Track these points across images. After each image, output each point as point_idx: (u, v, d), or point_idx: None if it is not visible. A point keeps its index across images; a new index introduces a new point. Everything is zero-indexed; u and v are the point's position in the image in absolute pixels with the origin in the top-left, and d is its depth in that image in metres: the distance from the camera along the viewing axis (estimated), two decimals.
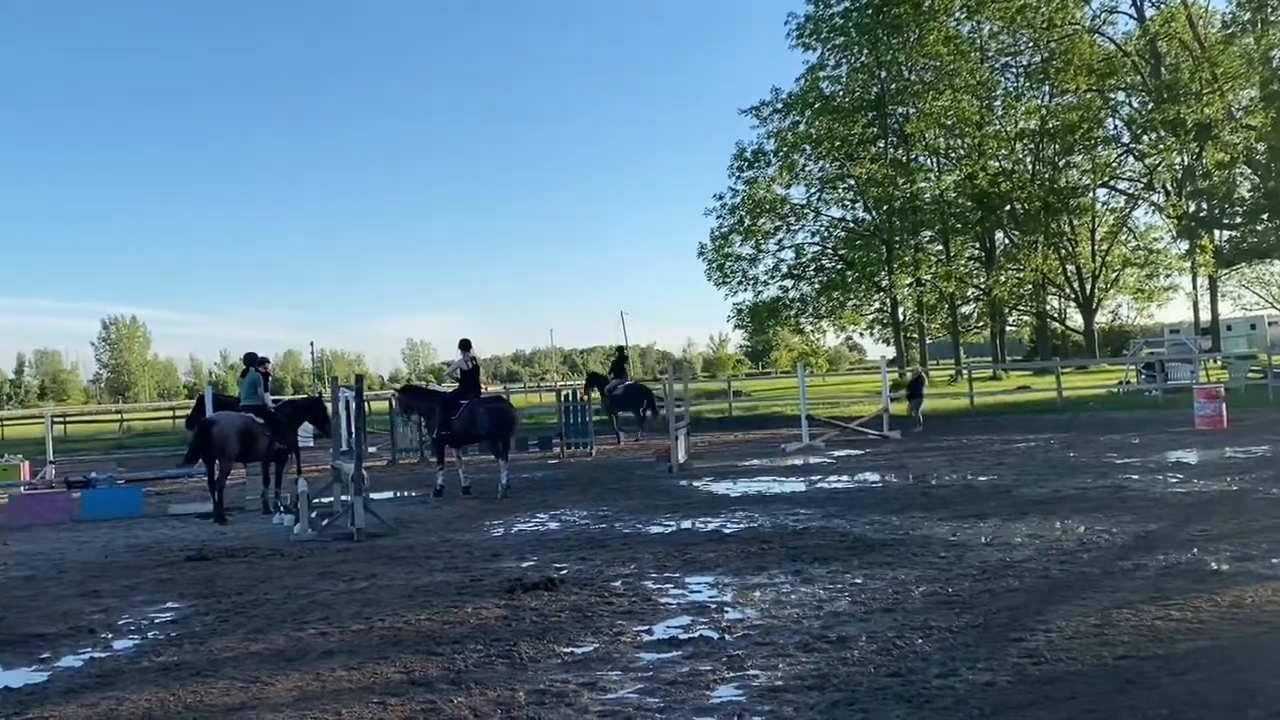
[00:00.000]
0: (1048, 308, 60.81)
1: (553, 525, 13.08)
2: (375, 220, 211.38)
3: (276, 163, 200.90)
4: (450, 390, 18.15)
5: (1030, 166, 54.00)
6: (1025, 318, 66.45)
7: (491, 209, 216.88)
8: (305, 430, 19.07)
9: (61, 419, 45.11)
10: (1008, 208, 53.32)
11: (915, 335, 57.39)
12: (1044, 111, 52.74)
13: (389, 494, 18.01)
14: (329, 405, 15.19)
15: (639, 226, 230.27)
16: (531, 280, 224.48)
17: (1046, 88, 52.81)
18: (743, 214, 52.38)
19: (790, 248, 53.69)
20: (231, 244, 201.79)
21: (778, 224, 53.40)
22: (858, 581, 8.59)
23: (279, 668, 6.76)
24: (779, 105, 52.47)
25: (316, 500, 14.11)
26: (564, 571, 9.65)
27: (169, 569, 11.14)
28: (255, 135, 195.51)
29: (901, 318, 54.61)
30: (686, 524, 12.38)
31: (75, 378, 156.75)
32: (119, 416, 57.39)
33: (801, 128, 52.25)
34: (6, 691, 6.64)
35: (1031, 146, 53.91)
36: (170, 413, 58.14)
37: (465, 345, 17.60)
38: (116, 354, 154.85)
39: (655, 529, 12.18)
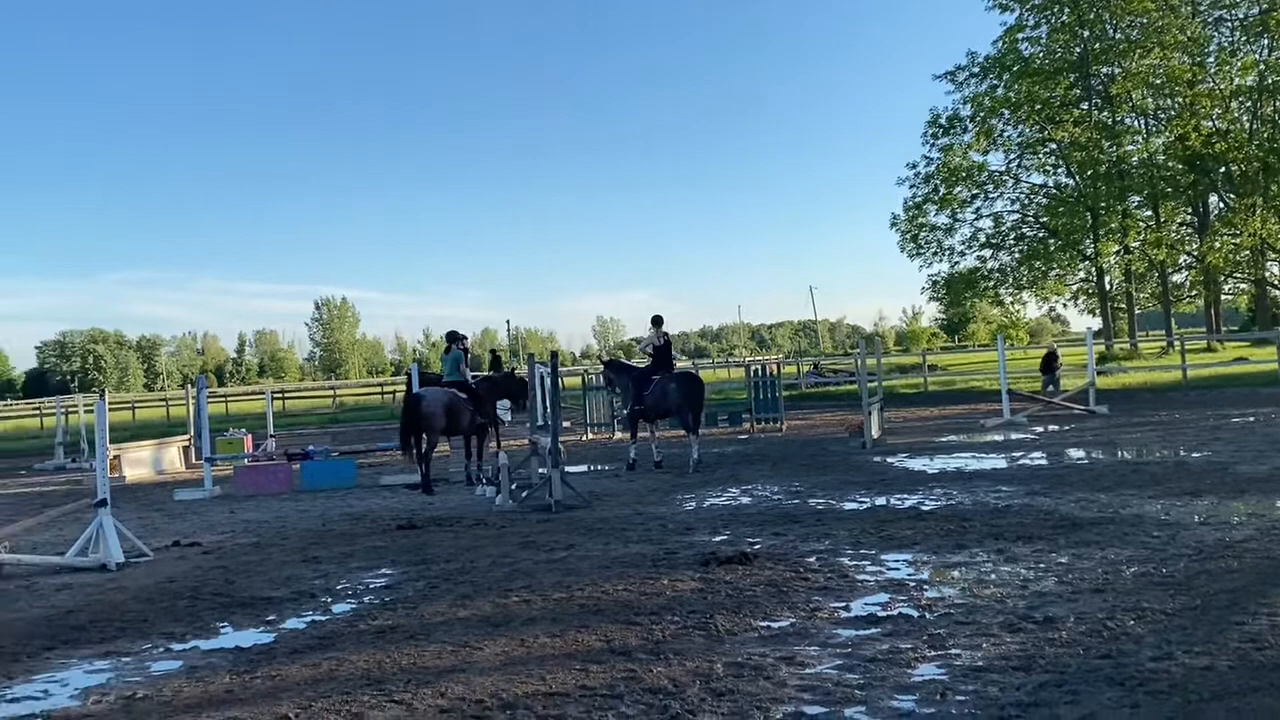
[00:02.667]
0: (1267, 274, 57.06)
1: (745, 500, 13.10)
2: (567, 202, 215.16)
3: (467, 150, 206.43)
4: (644, 366, 18.38)
5: (1247, 126, 50.63)
6: (1242, 286, 62.48)
7: (680, 187, 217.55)
8: (501, 405, 19.64)
9: (280, 395, 47.82)
10: (1223, 170, 50.20)
11: (1123, 306, 54.86)
12: (1262, 67, 49.31)
13: (583, 467, 18.38)
14: (525, 379, 15.61)
15: (828, 199, 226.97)
16: (719, 256, 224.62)
17: (1265, 41, 49.39)
18: (938, 182, 51.05)
19: (988, 216, 52.09)
20: (432, 227, 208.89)
21: (974, 192, 51.81)
22: (1064, 561, 8.31)
23: (486, 633, 7.01)
24: (975, 69, 50.84)
25: (516, 472, 14.53)
26: (757, 546, 9.67)
27: (382, 537, 11.69)
28: (436, 129, 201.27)
29: (1108, 287, 52.26)
30: (881, 500, 12.21)
31: (291, 356, 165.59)
32: (332, 392, 60.39)
33: (999, 92, 50.47)
34: (238, 651, 7.10)
35: (1249, 104, 50.54)
36: (379, 389, 60.87)
37: (658, 321, 17.78)
38: (328, 333, 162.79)
39: (849, 505, 12.06)
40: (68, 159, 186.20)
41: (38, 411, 53.33)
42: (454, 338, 17.76)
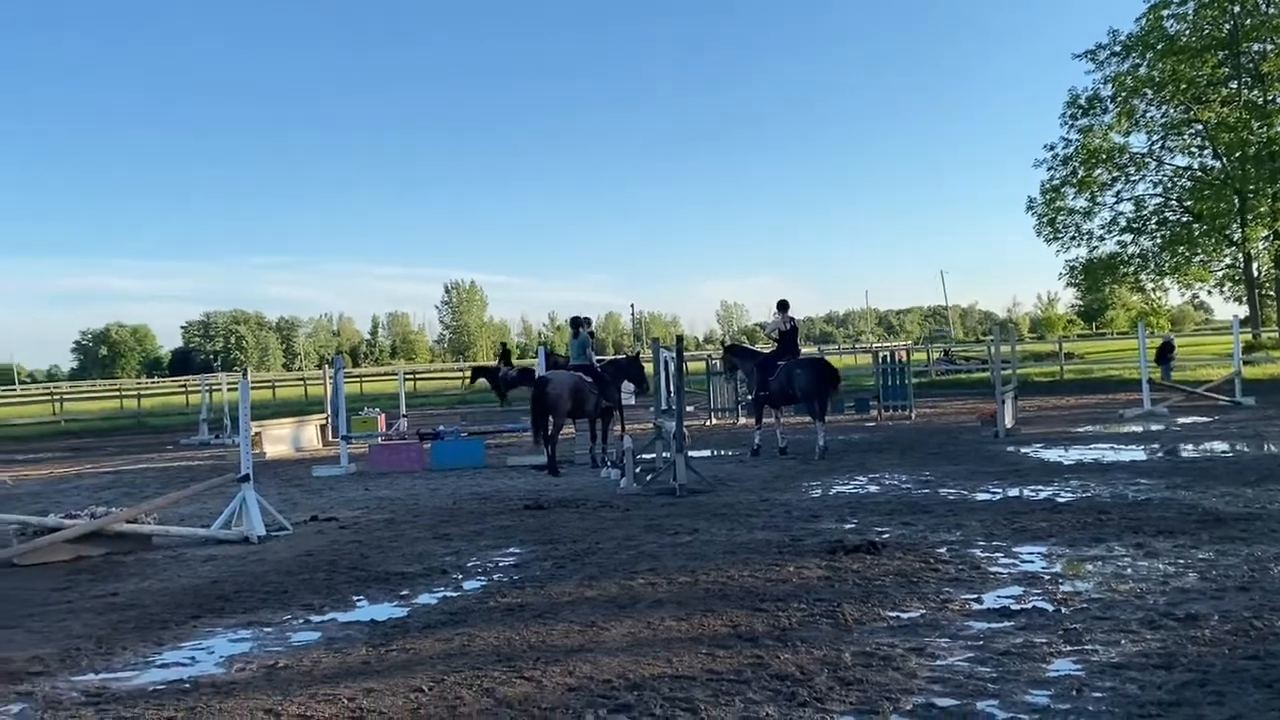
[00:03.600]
0: None
1: (872, 488, 12.94)
2: (689, 187, 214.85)
3: (593, 135, 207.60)
4: (768, 351, 18.28)
5: None
6: None
7: (802, 171, 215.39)
8: (626, 388, 19.76)
9: (411, 375, 48.87)
10: None
11: (1272, 293, 52.42)
12: None
13: (707, 452, 18.38)
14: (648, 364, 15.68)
15: (959, 182, 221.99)
16: (845, 241, 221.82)
17: None
18: (1076, 165, 49.38)
19: (1129, 199, 50.18)
20: (558, 212, 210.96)
21: (1115, 174, 50.00)
22: (1207, 557, 8.00)
23: (612, 614, 7.08)
24: (1117, 48, 48.96)
25: (640, 456, 14.61)
26: (886, 535, 9.54)
27: (509, 516, 11.89)
28: (561, 114, 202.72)
29: (1256, 274, 49.97)
30: (1014, 491, 11.93)
31: (422, 338, 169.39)
32: (462, 374, 61.56)
33: (1142, 71, 48.52)
34: (373, 624, 7.31)
35: None
36: None
37: (783, 306, 17.66)
38: (457, 316, 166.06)
39: (981, 495, 11.81)
40: (212, 149, 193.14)
41: (183, 389, 55.56)
42: (580, 322, 17.93)
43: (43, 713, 5.67)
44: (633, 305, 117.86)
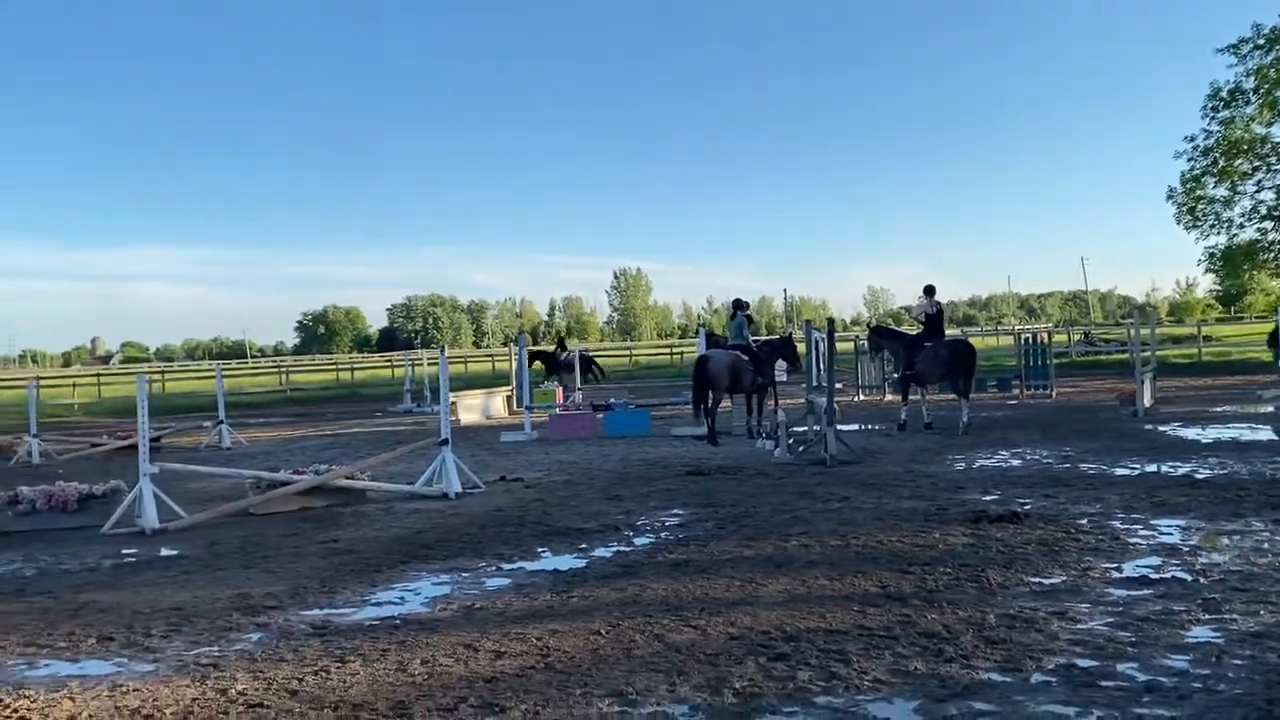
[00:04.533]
0: None
1: (1014, 462, 12.54)
2: (837, 174, 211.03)
3: (748, 123, 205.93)
4: (915, 333, 17.89)
5: None
6: None
7: (946, 155, 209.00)
8: (778, 366, 19.62)
9: (585, 353, 49.59)
10: None
11: None
12: None
13: (855, 426, 18.11)
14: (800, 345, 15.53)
15: (1100, 169, 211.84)
16: (988, 226, 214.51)
17: None
18: (1217, 155, 46.51)
19: (1270, 189, 47.06)
20: (715, 203, 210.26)
21: (1256, 164, 46.84)
22: None
23: (769, 572, 7.07)
24: (1260, 41, 45.84)
25: (793, 429, 14.51)
26: (1028, 506, 9.24)
27: (674, 481, 11.98)
28: (712, 101, 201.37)
29: None
30: (1153, 467, 11.39)
31: (594, 320, 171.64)
32: (628, 352, 62.21)
33: None
34: (556, 573, 7.49)
35: None
36: (668, 350, 62.14)
37: (930, 290, 17.24)
38: (625, 300, 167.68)
39: (1120, 471, 11.31)
40: (412, 151, 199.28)
41: (389, 363, 57.73)
42: (739, 305, 17.90)
43: (277, 641, 6.01)
44: (785, 290, 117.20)
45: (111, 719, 4.78)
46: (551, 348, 34.38)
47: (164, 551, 9.21)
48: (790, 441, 13.84)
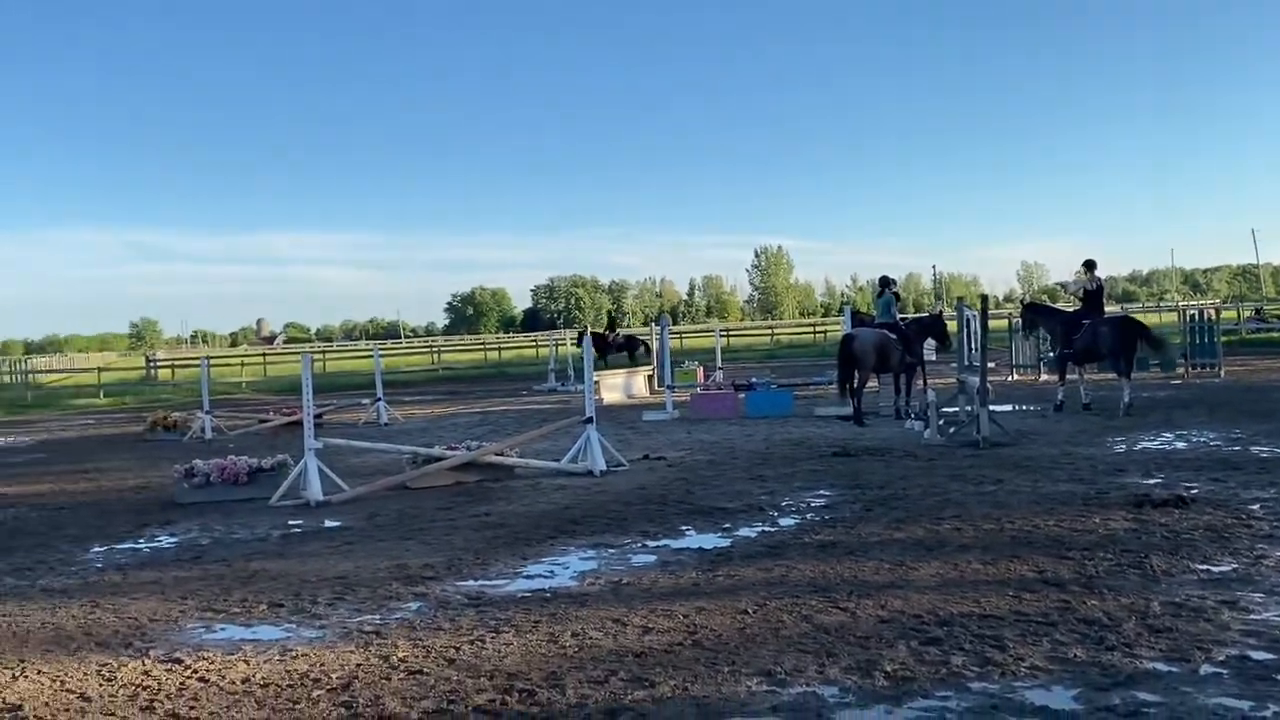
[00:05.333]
0: None
1: (1179, 445, 11.98)
2: (988, 148, 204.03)
3: (883, 94, 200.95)
4: (1073, 309, 17.23)
5: None
6: None
7: (1102, 130, 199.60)
8: (927, 344, 19.19)
9: (725, 333, 49.53)
10: None
11: None
12: None
13: (1009, 407, 17.56)
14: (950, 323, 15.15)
15: (1274, 135, 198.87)
16: (1149, 197, 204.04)
17: None
18: None
19: None
20: (858, 177, 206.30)
21: None
22: None
23: (920, 555, 6.95)
24: None
25: (943, 409, 14.18)
26: (1195, 490, 8.82)
27: (818, 461, 11.87)
28: (849, 75, 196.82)
29: None
30: None
31: (734, 299, 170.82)
32: (770, 331, 61.82)
33: None
34: (701, 551, 7.54)
35: None
36: (811, 328, 61.49)
37: (1090, 265, 16.57)
38: (765, 278, 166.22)
39: None
40: (542, 144, 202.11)
41: (534, 343, 58.95)
42: (886, 283, 17.58)
43: (435, 611, 6.24)
44: (934, 266, 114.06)
45: (282, 682, 5.04)
46: (604, 330, 34.87)
47: (327, 523, 9.66)
48: (940, 422, 13.52)
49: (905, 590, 6.07)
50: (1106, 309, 17.93)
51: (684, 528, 8.46)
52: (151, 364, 50.32)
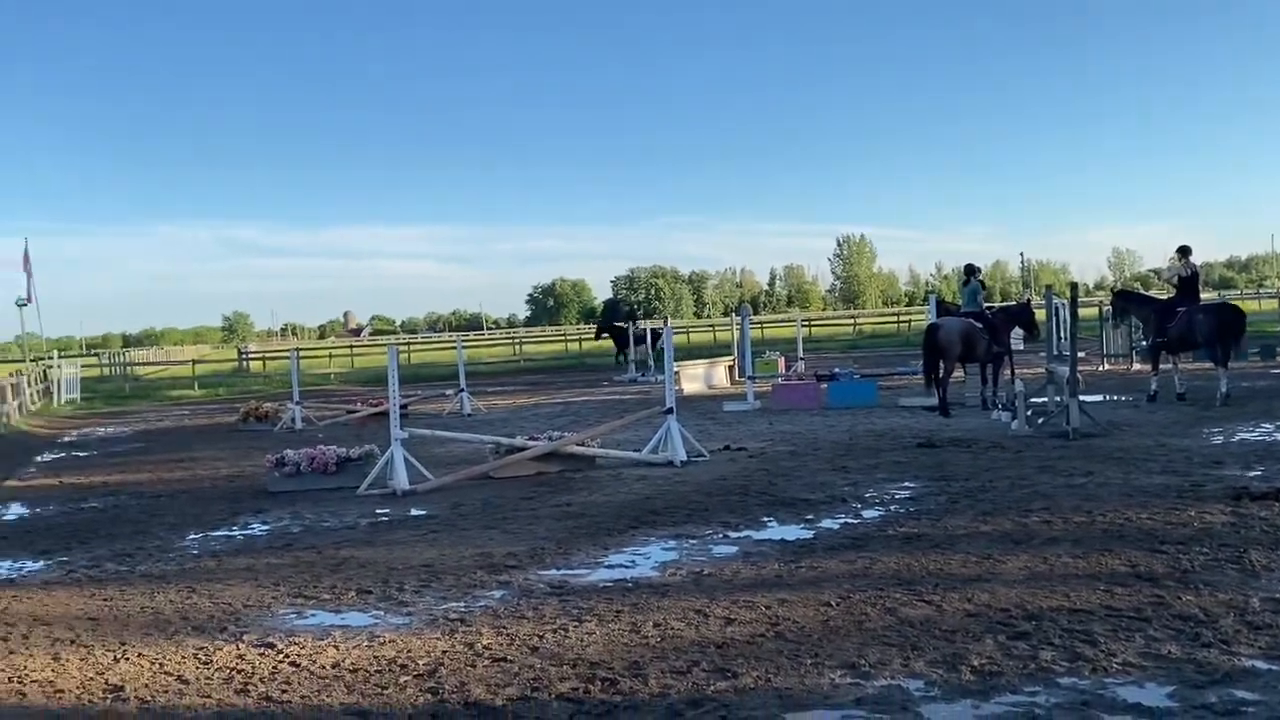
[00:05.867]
0: None
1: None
2: (1078, 130, 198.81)
3: (966, 77, 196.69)
4: (1167, 297, 16.73)
5: None
6: None
7: (1197, 110, 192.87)
8: (1015, 333, 18.82)
9: (806, 323, 49.13)
10: None
11: None
12: None
13: (1099, 397, 17.11)
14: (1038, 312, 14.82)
15: None
16: (1248, 180, 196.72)
17: None
18: None
19: None
20: (943, 162, 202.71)
21: None
22: None
23: (1007, 548, 6.82)
24: None
25: (1031, 399, 13.89)
26: None
27: (902, 453, 11.72)
28: (936, 62, 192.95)
29: None
30: None
31: (815, 288, 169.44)
32: (852, 321, 61.12)
33: None
34: (783, 543, 7.50)
35: None
36: (895, 318, 60.66)
37: (1185, 251, 16.06)
38: (848, 267, 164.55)
39: None
40: (627, 140, 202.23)
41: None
42: (971, 271, 17.28)
43: (518, 599, 6.32)
44: (1022, 254, 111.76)
45: (370, 667, 5.16)
46: (622, 325, 34.86)
47: (413, 511, 9.84)
48: (1029, 413, 13.23)
49: (992, 583, 5.97)
50: (1202, 296, 17.35)
51: (766, 519, 8.42)
52: (243, 356, 51.71)
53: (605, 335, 37.85)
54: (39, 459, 17.62)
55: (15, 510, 11.75)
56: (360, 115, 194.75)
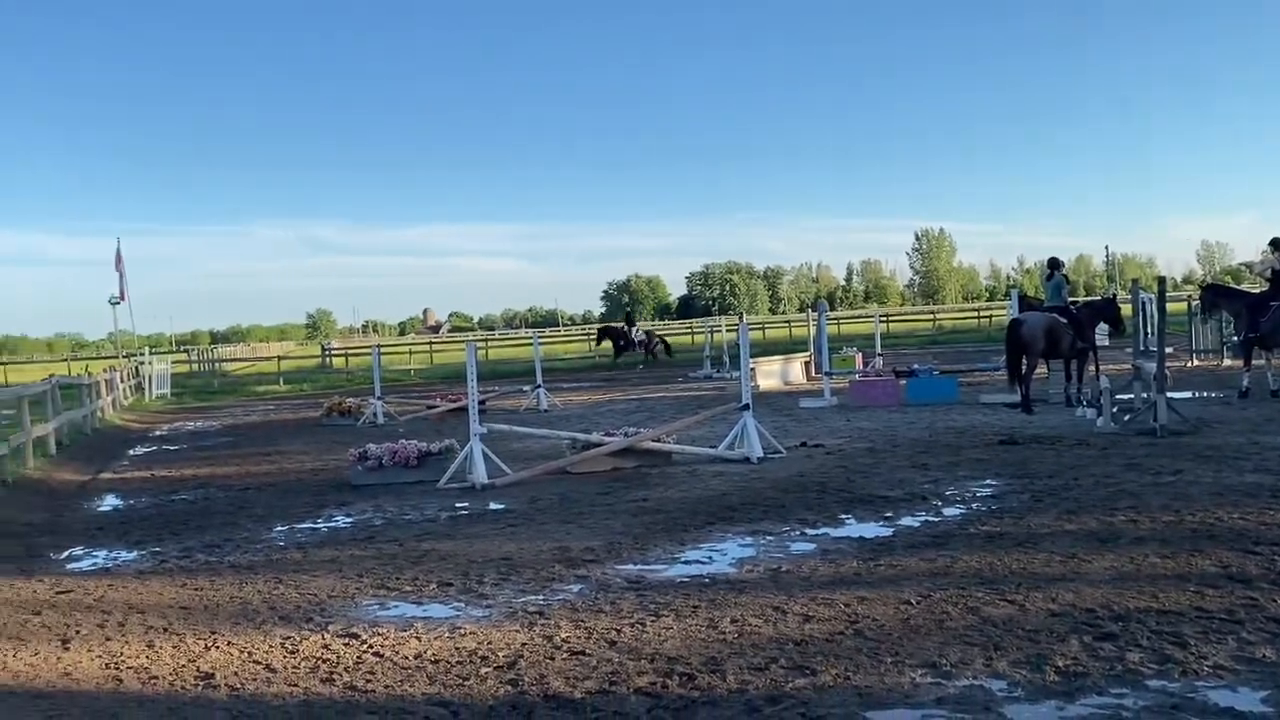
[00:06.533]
0: None
1: None
2: (1164, 119, 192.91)
3: (1050, 68, 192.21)
4: (1259, 291, 16.19)
5: None
6: None
7: None
8: (1100, 329, 18.36)
9: (885, 318, 48.55)
10: None
11: None
12: None
13: (1188, 393, 16.64)
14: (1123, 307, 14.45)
15: None
16: None
17: None
18: None
19: None
20: (1024, 155, 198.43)
21: None
22: None
23: (1093, 547, 6.68)
24: None
25: (1117, 396, 13.56)
26: None
27: (983, 450, 11.52)
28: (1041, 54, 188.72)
29: None
30: None
31: (893, 283, 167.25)
32: (932, 316, 60.26)
33: None
34: (861, 540, 7.43)
35: None
36: (975, 313, 59.67)
37: (1277, 244, 15.53)
38: (927, 262, 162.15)
39: None
40: (704, 124, 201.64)
41: (689, 330, 59.03)
42: (1055, 264, 16.88)
43: (596, 593, 6.36)
44: (1107, 247, 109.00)
45: (451, 658, 5.24)
46: (620, 325, 34.30)
47: (492, 505, 9.96)
48: (1114, 410, 12.92)
49: (1077, 583, 5.85)
50: None
51: (844, 516, 8.36)
52: (326, 353, 52.73)
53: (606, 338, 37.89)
54: (132, 452, 18.21)
55: (110, 502, 12.17)
56: (442, 117, 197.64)
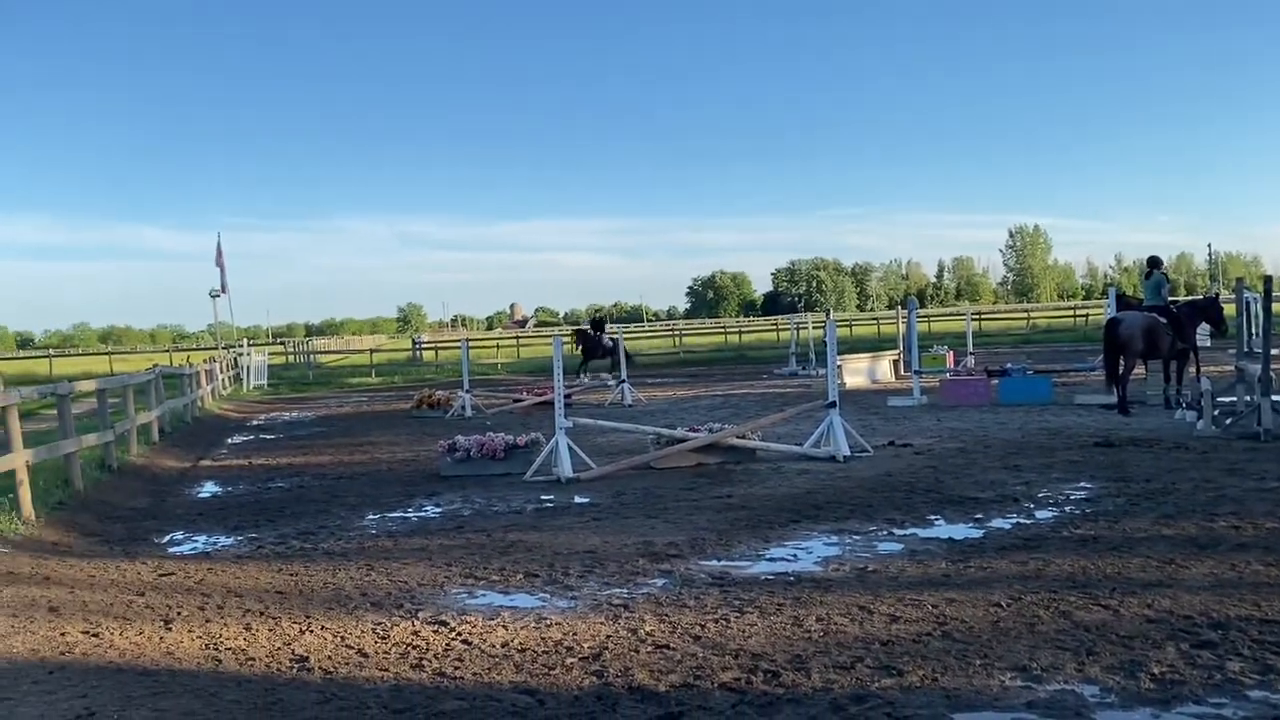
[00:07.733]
0: None
1: None
2: (1260, 116, 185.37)
3: (1146, 60, 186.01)
4: None
5: None
6: None
7: None
8: (1201, 330, 17.78)
9: (976, 316, 47.64)
10: None
11: None
12: None
13: None
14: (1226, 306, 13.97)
15: None
16: None
17: None
18: None
19: None
20: (1123, 150, 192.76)
21: None
22: None
23: (1192, 553, 6.49)
24: None
25: (1219, 399, 13.12)
26: None
27: (1078, 452, 11.26)
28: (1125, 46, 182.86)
29: None
30: None
31: (985, 280, 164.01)
32: (1026, 315, 58.99)
33: None
34: (950, 541, 7.33)
35: None
36: (1071, 312, 58.24)
37: None
38: (1021, 259, 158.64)
39: None
40: (790, 120, 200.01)
41: (774, 327, 58.70)
42: (1154, 263, 16.40)
43: (680, 588, 6.39)
44: (1209, 245, 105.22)
45: (538, 648, 5.31)
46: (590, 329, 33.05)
47: (577, 499, 10.05)
48: (1216, 413, 12.51)
49: (1174, 589, 5.69)
50: None
51: (932, 517, 8.25)
52: (417, 346, 53.73)
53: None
54: (230, 441, 18.78)
55: (210, 489, 12.58)
56: (530, 113, 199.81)
